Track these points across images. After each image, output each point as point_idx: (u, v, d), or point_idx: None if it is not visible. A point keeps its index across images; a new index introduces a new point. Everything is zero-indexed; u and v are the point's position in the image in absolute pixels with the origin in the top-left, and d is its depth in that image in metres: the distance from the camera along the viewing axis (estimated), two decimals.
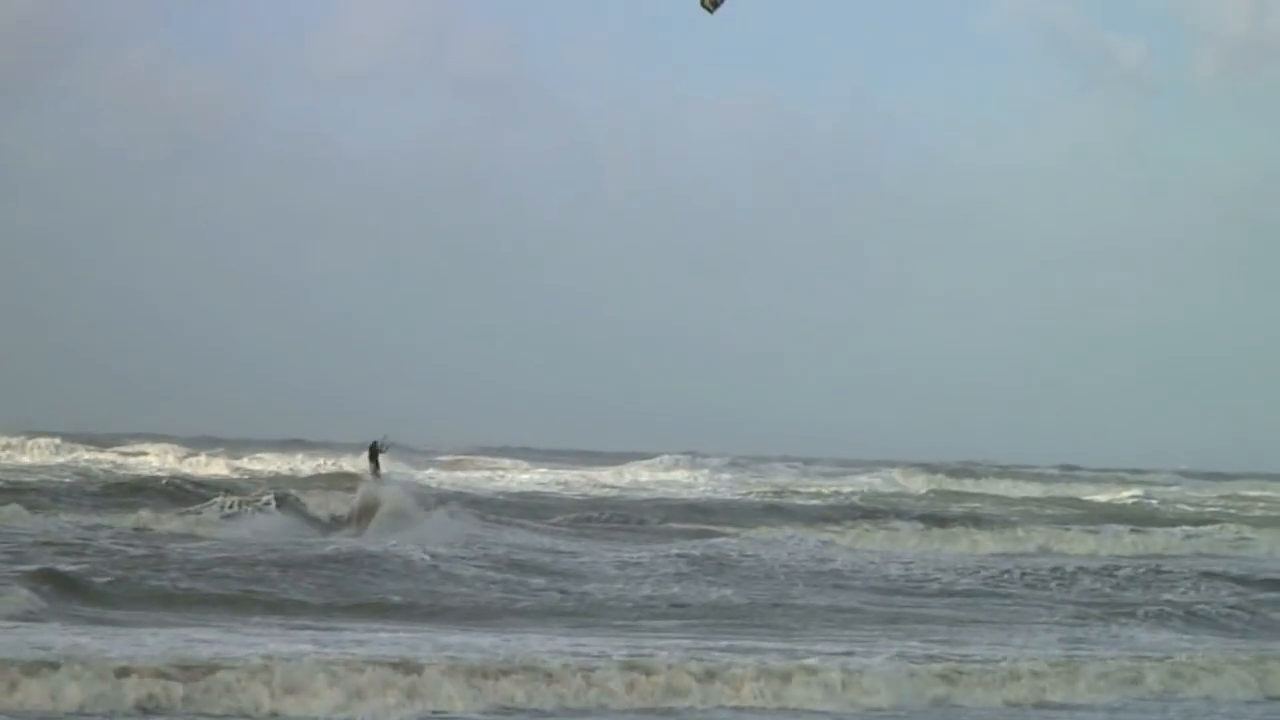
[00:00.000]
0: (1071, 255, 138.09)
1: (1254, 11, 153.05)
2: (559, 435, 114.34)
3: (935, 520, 58.85)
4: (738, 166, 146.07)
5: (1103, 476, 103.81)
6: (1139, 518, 67.15)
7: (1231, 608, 34.71)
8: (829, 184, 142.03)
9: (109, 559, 33.64)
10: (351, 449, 65.86)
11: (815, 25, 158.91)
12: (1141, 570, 40.13)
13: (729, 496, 73.16)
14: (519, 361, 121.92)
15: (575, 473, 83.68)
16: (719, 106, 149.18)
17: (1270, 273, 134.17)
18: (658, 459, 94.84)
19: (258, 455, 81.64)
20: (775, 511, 63.36)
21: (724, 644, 26.44)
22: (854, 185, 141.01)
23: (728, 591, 34.18)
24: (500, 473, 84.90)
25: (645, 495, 69.84)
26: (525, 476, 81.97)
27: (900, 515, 60.61)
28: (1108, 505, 76.39)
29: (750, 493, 75.59)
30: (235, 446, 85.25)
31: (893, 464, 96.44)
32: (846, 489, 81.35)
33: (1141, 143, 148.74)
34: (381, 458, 42.72)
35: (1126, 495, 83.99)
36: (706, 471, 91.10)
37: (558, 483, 76.89)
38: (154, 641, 23.48)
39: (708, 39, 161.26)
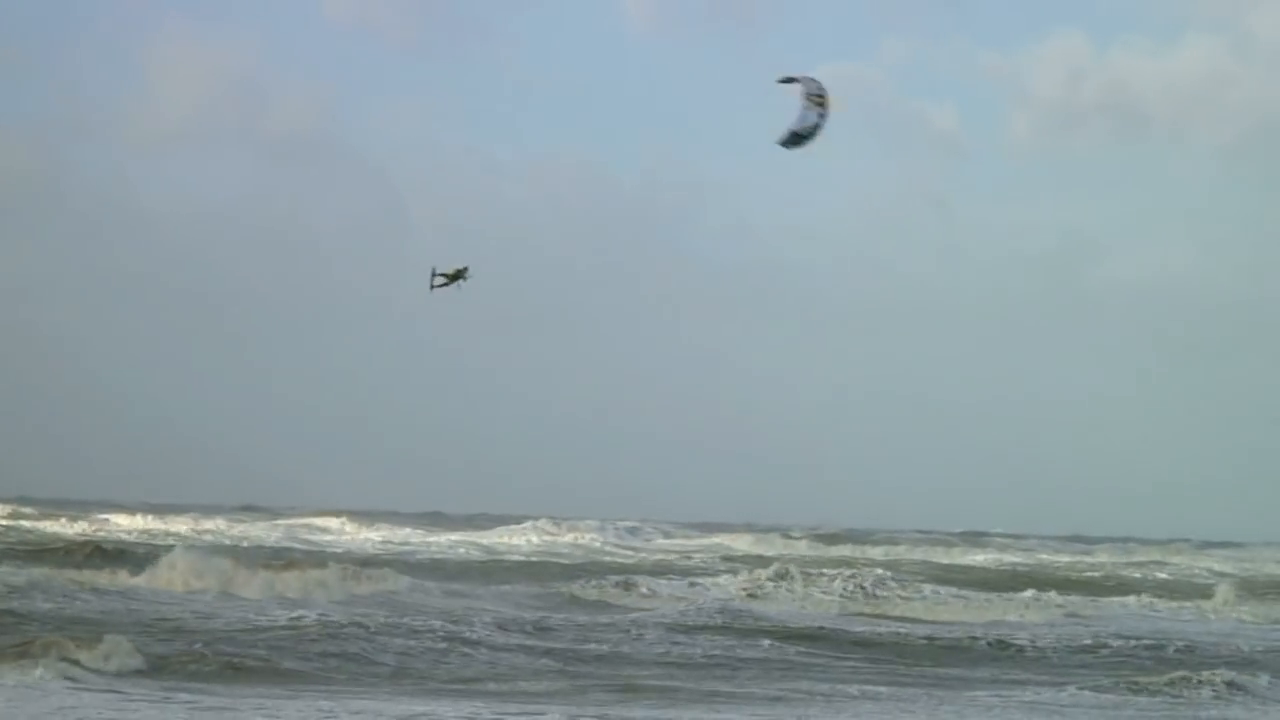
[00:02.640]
0: (879, 318, 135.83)
1: (1069, 76, 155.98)
2: (364, 495, 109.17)
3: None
4: (548, 228, 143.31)
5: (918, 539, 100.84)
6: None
7: None
8: (637, 245, 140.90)
9: None
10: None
11: (627, 88, 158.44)
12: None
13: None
14: (324, 422, 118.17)
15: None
16: (531, 169, 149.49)
17: (1074, 334, 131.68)
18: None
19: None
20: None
21: None
22: (661, 247, 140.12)
23: None
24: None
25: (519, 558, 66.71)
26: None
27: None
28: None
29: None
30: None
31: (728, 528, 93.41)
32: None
33: (950, 206, 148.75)
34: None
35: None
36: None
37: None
38: None
39: (520, 103, 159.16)
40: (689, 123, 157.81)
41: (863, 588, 56.15)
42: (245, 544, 69.02)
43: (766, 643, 36.53)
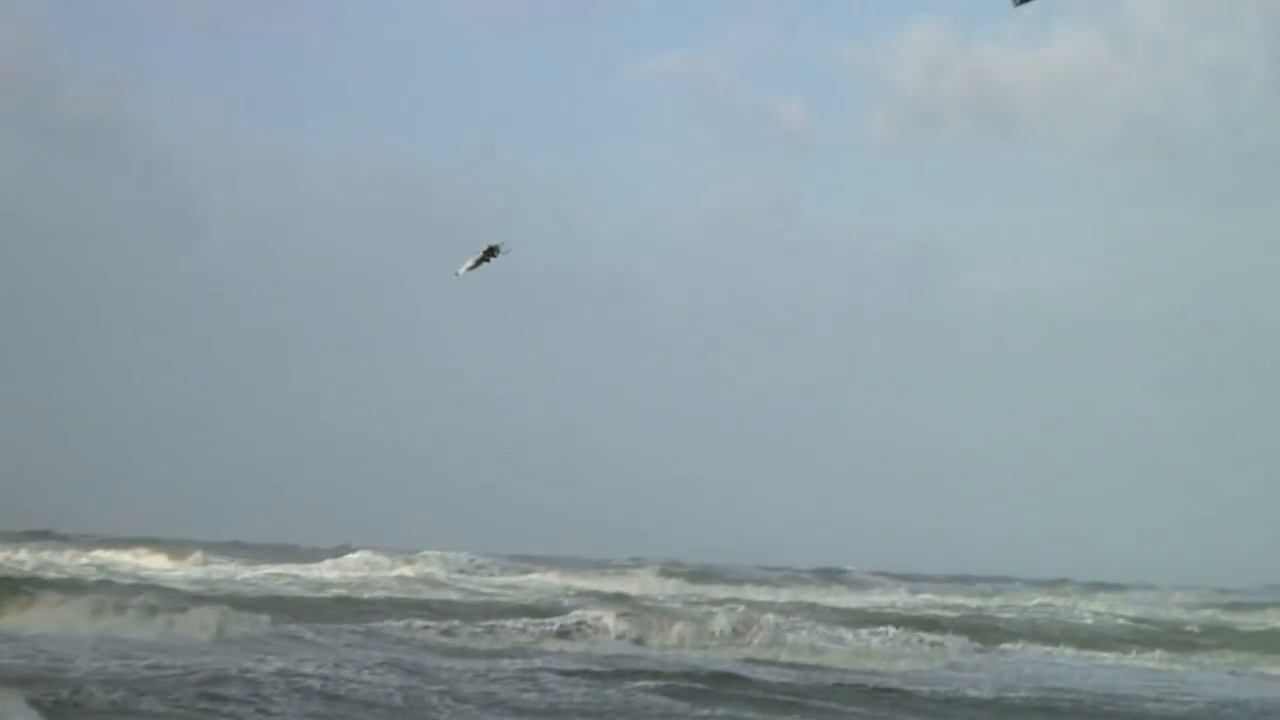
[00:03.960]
0: (716, 329, 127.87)
1: (929, 69, 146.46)
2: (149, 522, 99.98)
3: None
4: (357, 228, 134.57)
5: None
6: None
7: None
8: (454, 248, 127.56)
9: None
10: None
11: (446, 78, 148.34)
12: None
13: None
14: (105, 440, 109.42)
15: None
16: (339, 164, 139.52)
17: (931, 350, 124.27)
18: None
19: None
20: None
21: None
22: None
23: None
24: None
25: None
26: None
27: None
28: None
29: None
30: None
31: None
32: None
33: (797, 207, 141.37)
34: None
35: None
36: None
37: None
38: None
39: (329, 91, 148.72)
40: (513, 116, 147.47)
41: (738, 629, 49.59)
42: (52, 573, 60.53)
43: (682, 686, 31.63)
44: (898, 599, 77.56)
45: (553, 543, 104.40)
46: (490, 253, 26.74)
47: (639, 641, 46.16)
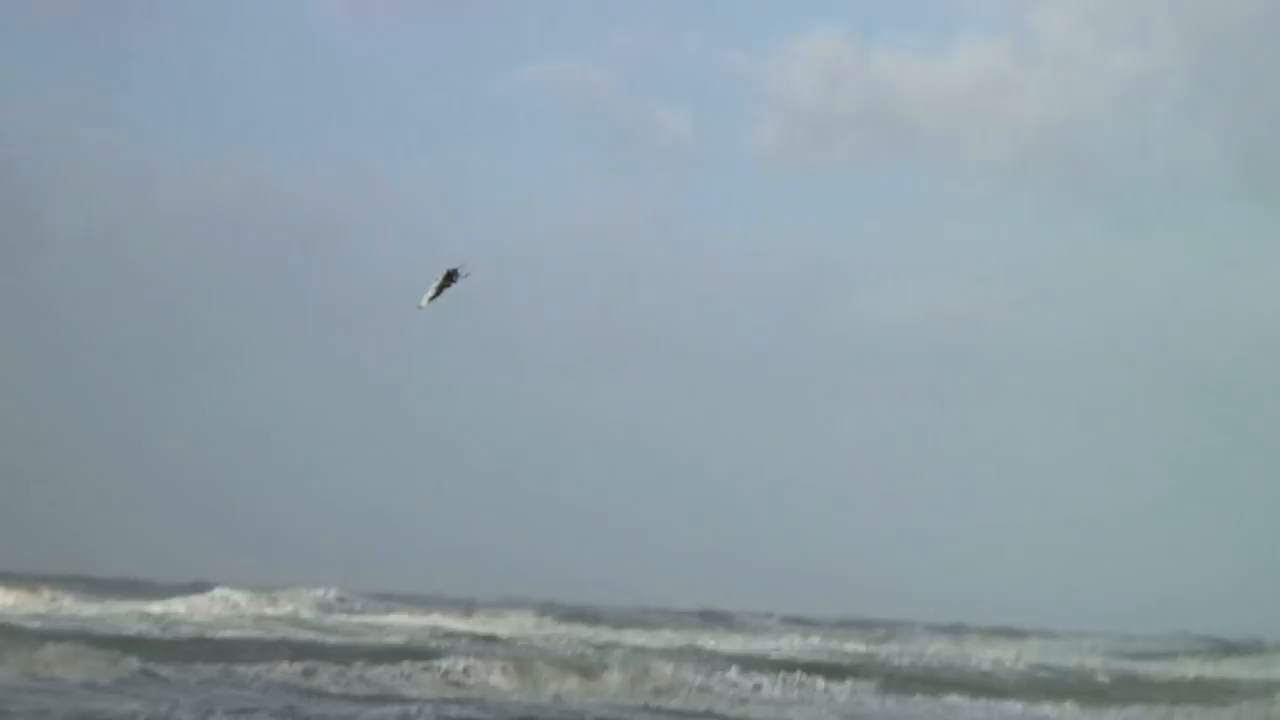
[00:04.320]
0: (594, 348, 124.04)
1: (824, 80, 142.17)
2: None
3: None
4: (212, 243, 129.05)
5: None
6: None
7: None
8: (315, 263, 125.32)
9: None
10: None
11: (310, 83, 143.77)
12: None
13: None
14: None
15: None
16: (193, 174, 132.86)
17: (820, 378, 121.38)
18: None
19: None
20: None
21: None
22: (344, 265, 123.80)
23: None
24: None
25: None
26: None
27: None
28: None
29: None
30: None
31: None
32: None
33: (680, 226, 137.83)
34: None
35: None
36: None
37: None
38: None
39: (182, 95, 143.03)
40: (382, 124, 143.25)
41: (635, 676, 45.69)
42: None
43: None
44: (786, 643, 74.68)
45: (423, 580, 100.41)
46: (449, 278, 25.07)
47: (526, 687, 42.67)
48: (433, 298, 24.80)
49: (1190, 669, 68.43)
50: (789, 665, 52.26)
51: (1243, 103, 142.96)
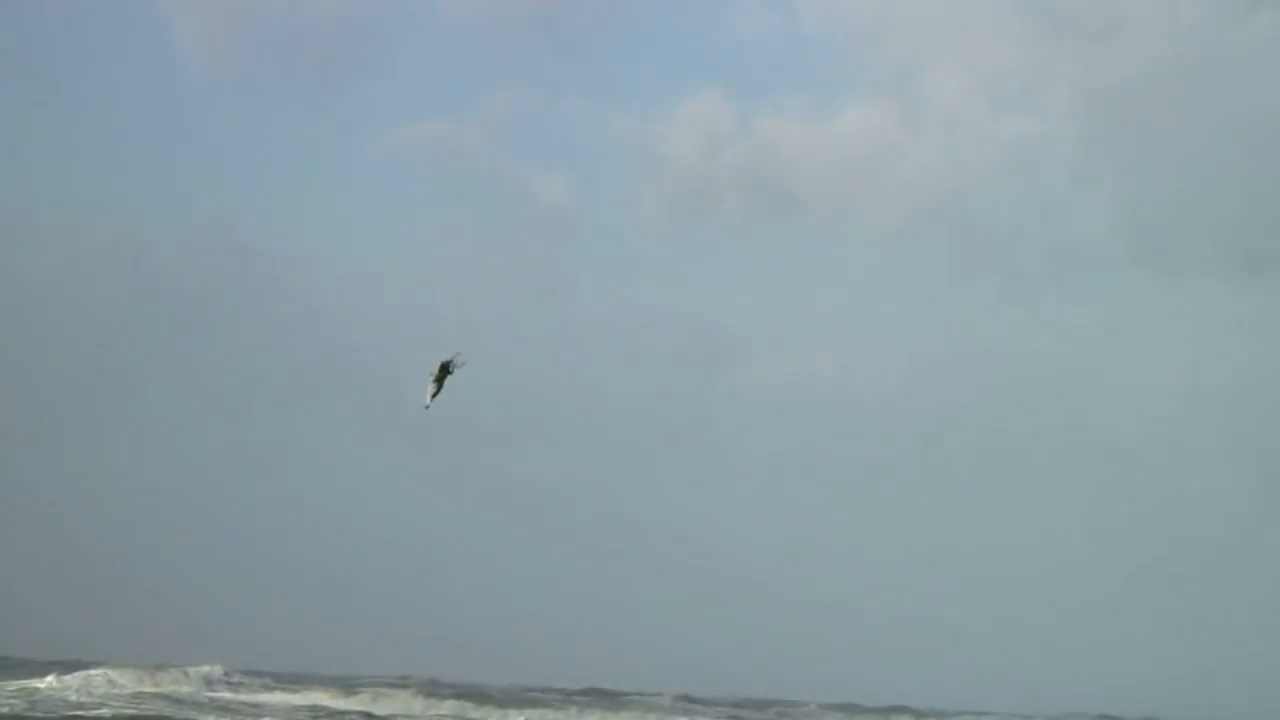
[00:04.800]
0: (474, 420, 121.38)
1: (707, 145, 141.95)
2: None
3: None
4: (74, 307, 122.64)
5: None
6: None
7: None
8: (189, 329, 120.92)
9: None
10: None
11: (176, 141, 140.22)
12: None
13: None
14: None
15: None
16: (53, 234, 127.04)
17: (702, 452, 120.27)
18: None
19: None
20: None
21: None
22: (214, 331, 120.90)
23: None
24: None
25: None
26: None
27: None
28: None
29: None
30: None
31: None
32: None
33: (559, 294, 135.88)
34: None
35: None
36: None
37: None
38: None
39: (42, 151, 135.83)
40: (256, 189, 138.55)
41: None
42: None
43: None
44: None
45: (311, 658, 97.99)
46: (445, 370, 24.94)
47: None
48: (435, 394, 24.65)
49: None
50: None
51: (1132, 169, 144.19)
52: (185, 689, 71.72)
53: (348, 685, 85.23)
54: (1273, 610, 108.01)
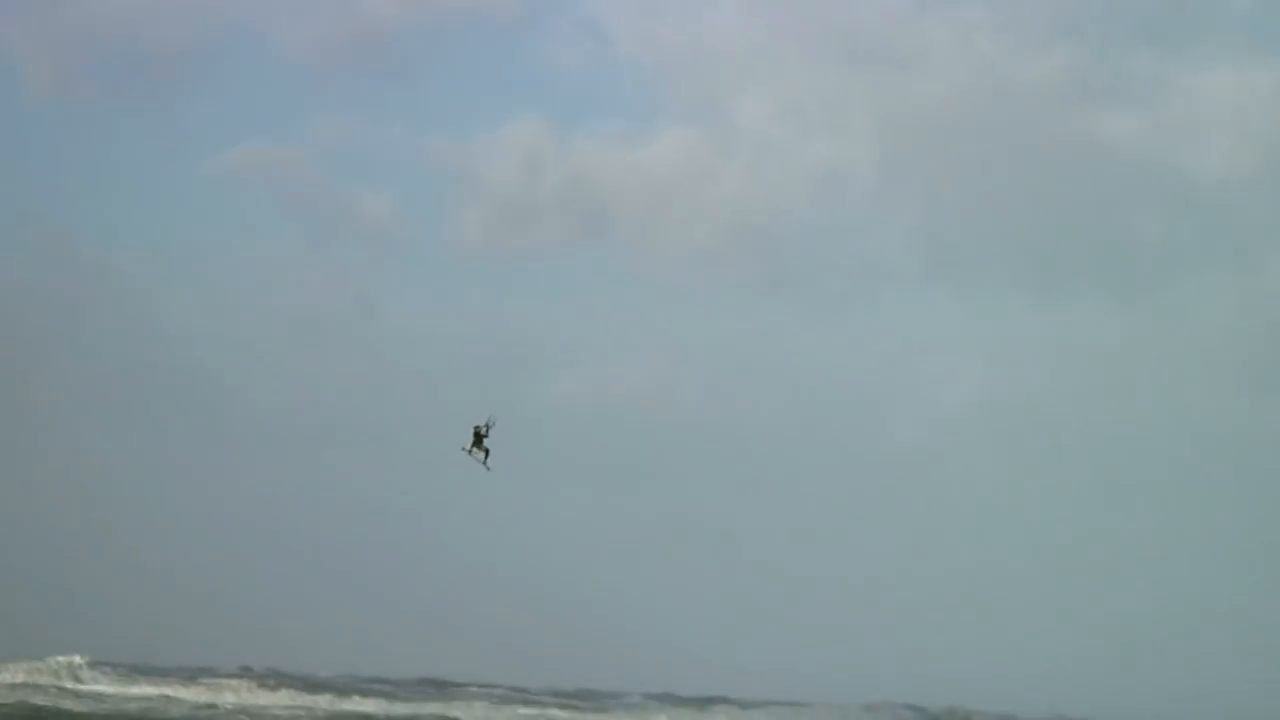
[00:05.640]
0: (298, 426, 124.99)
1: (526, 167, 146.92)
2: None
3: None
4: None
5: None
6: None
7: None
8: (25, 343, 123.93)
9: None
10: None
11: (18, 168, 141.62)
12: None
13: None
14: None
15: None
16: None
17: (518, 460, 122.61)
18: None
19: None
20: None
21: None
22: (54, 349, 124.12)
23: None
24: None
25: None
26: None
27: None
28: None
29: None
30: None
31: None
32: None
33: (382, 308, 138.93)
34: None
35: None
36: None
37: None
38: None
39: None
40: (91, 205, 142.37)
41: None
42: None
43: None
44: (509, 713, 77.14)
45: (159, 650, 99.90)
46: (481, 434, 27.25)
47: None
48: (485, 456, 27.04)
49: None
50: None
51: (929, 192, 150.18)
52: (41, 679, 73.81)
53: (190, 675, 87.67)
54: (1057, 602, 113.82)
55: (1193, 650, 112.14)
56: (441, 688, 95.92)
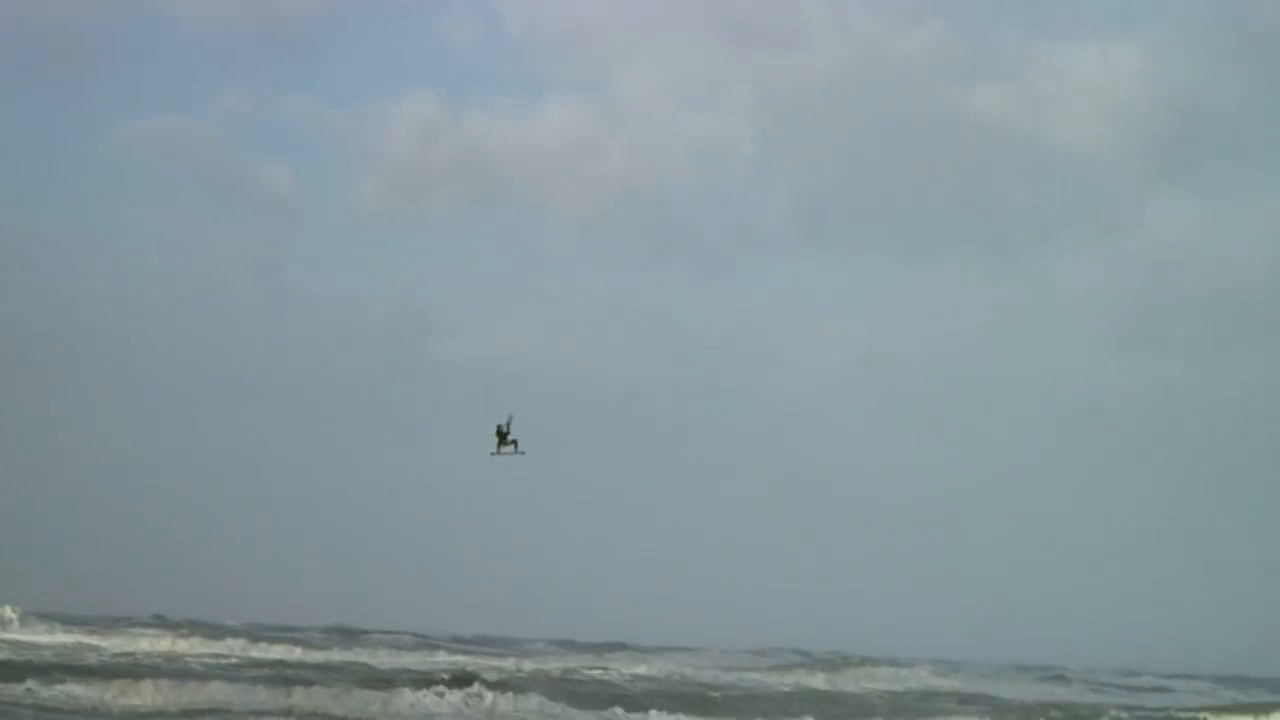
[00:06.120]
0: (199, 387, 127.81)
1: (421, 139, 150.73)
2: None
3: None
4: None
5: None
6: None
7: None
8: None
9: None
10: None
11: None
12: None
13: None
14: None
15: None
16: None
17: (412, 419, 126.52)
18: None
19: None
20: None
21: None
22: None
23: None
24: None
25: None
26: None
27: None
28: None
29: None
30: None
31: None
32: None
33: (283, 274, 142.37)
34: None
35: None
36: None
37: None
38: None
39: None
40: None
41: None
42: None
43: None
44: (416, 658, 79.33)
45: (77, 601, 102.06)
46: (504, 431, 28.78)
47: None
48: (515, 448, 29.36)
49: (786, 680, 75.67)
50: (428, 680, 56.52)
51: (808, 162, 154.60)
52: None
53: (108, 624, 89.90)
54: (936, 551, 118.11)
55: (1064, 598, 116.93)
56: (349, 635, 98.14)
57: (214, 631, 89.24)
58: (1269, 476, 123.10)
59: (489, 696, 53.81)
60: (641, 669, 76.99)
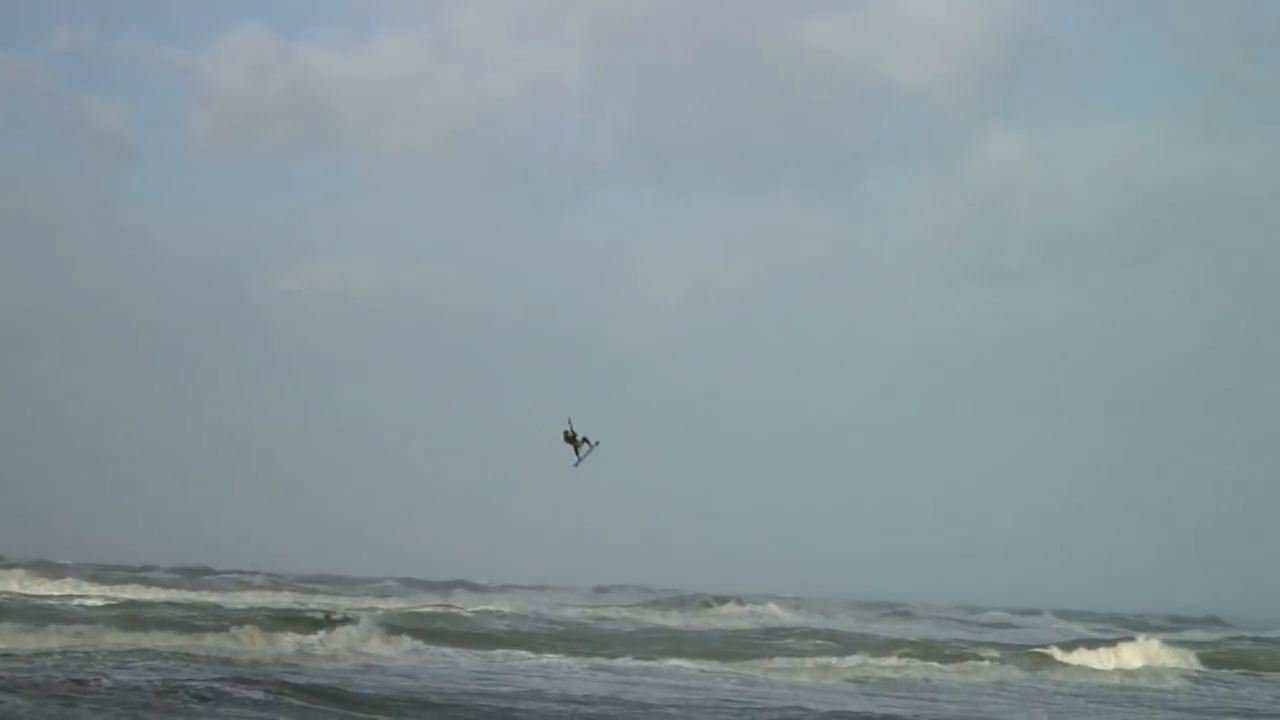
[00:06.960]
0: (30, 327, 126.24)
1: (252, 74, 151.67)
2: None
3: None
4: None
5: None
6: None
7: None
8: None
9: None
10: None
11: None
12: None
13: None
14: None
15: None
16: None
17: (237, 353, 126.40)
18: None
19: None
20: None
21: None
22: None
23: None
24: None
25: None
26: None
27: None
28: None
29: None
30: None
31: None
32: None
33: (115, 210, 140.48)
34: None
35: None
36: None
37: None
38: None
39: None
40: None
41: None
42: None
43: None
44: (267, 596, 79.02)
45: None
46: (571, 434, 28.45)
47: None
48: (589, 449, 29.17)
49: (650, 618, 76.21)
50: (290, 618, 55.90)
51: (640, 95, 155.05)
52: None
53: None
54: (767, 488, 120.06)
55: (904, 535, 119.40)
56: (199, 575, 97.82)
57: (76, 572, 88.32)
58: (1102, 404, 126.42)
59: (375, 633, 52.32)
60: (503, 607, 77.14)
